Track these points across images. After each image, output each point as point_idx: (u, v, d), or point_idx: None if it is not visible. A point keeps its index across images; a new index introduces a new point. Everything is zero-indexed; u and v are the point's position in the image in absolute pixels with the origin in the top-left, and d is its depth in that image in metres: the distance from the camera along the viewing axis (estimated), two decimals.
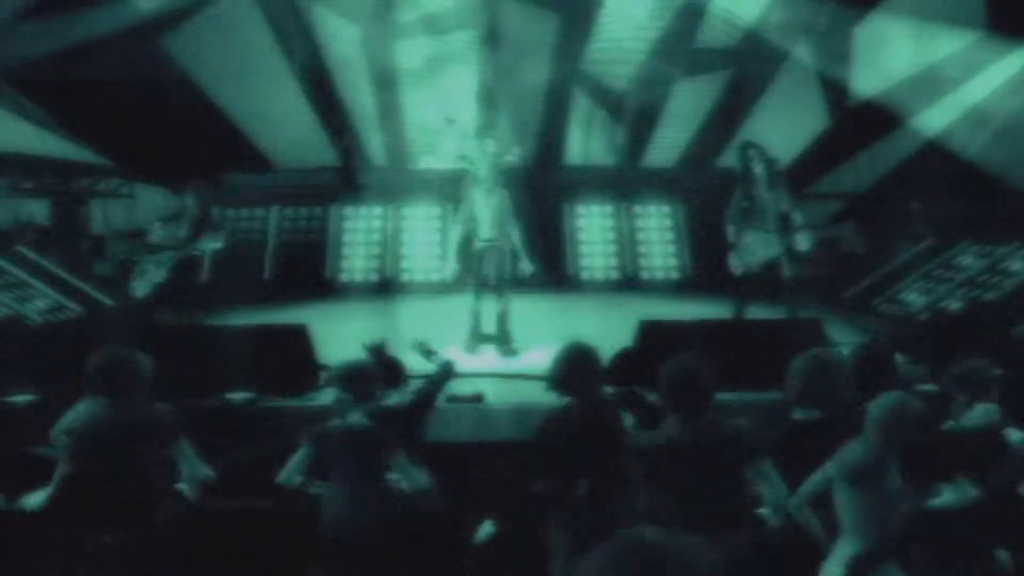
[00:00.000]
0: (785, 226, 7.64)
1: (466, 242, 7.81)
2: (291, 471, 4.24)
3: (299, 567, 4.06)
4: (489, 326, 7.93)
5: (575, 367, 4.16)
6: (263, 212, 11.77)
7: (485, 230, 7.70)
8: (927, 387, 5.73)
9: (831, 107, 12.02)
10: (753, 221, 7.63)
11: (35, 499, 4.17)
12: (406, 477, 4.31)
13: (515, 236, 7.87)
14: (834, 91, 11.88)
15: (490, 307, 7.87)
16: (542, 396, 6.12)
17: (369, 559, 4.05)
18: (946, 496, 3.36)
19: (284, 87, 11.81)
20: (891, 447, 3.50)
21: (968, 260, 9.40)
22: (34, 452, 4.83)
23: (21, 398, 5.31)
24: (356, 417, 4.34)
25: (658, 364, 3.86)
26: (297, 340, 6.49)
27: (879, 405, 3.55)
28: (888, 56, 11.29)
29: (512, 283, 7.87)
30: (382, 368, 5.01)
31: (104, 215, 12.10)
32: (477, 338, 7.89)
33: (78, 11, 10.51)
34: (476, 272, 7.80)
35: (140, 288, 7.58)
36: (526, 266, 7.95)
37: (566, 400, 4.12)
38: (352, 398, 4.38)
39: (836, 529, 3.55)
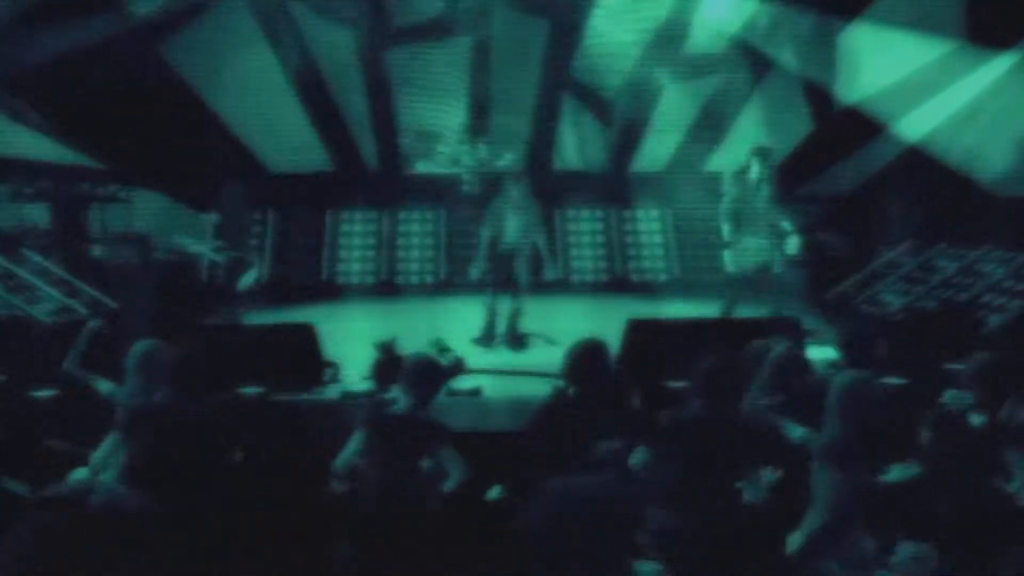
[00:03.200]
0: (776, 231, 7.94)
1: (492, 244, 8.16)
2: (348, 456, 4.41)
3: (325, 542, 4.14)
4: (501, 324, 8.33)
5: (591, 362, 4.42)
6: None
7: (511, 234, 8.08)
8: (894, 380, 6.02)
9: (815, 113, 12.29)
10: (747, 225, 7.90)
11: None
12: (453, 468, 4.44)
13: (540, 242, 8.27)
14: (818, 97, 12.15)
15: (504, 307, 8.28)
16: (538, 390, 6.44)
17: (401, 541, 4.14)
18: (895, 473, 3.54)
19: (279, 92, 12.02)
20: (855, 425, 3.61)
21: (943, 262, 9.77)
22: (56, 445, 5.07)
23: (43, 393, 5.54)
24: (405, 406, 4.53)
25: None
26: (305, 338, 6.76)
27: (839, 385, 3.68)
28: (871, 63, 11.57)
29: (529, 286, 8.26)
30: (391, 364, 5.27)
31: (102, 220, 12.23)
32: (492, 334, 8.30)
33: (76, 17, 10.67)
34: (497, 273, 8.16)
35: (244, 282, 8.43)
36: (551, 271, 8.37)
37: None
38: (416, 394, 4.52)
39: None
